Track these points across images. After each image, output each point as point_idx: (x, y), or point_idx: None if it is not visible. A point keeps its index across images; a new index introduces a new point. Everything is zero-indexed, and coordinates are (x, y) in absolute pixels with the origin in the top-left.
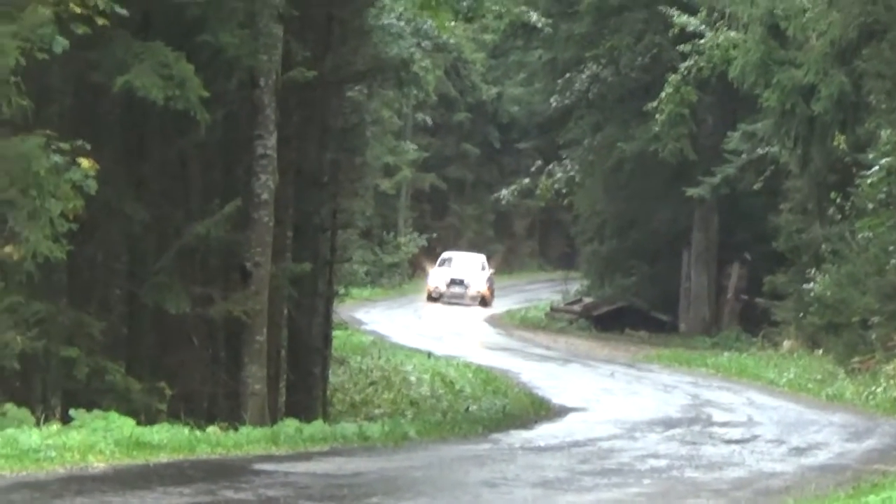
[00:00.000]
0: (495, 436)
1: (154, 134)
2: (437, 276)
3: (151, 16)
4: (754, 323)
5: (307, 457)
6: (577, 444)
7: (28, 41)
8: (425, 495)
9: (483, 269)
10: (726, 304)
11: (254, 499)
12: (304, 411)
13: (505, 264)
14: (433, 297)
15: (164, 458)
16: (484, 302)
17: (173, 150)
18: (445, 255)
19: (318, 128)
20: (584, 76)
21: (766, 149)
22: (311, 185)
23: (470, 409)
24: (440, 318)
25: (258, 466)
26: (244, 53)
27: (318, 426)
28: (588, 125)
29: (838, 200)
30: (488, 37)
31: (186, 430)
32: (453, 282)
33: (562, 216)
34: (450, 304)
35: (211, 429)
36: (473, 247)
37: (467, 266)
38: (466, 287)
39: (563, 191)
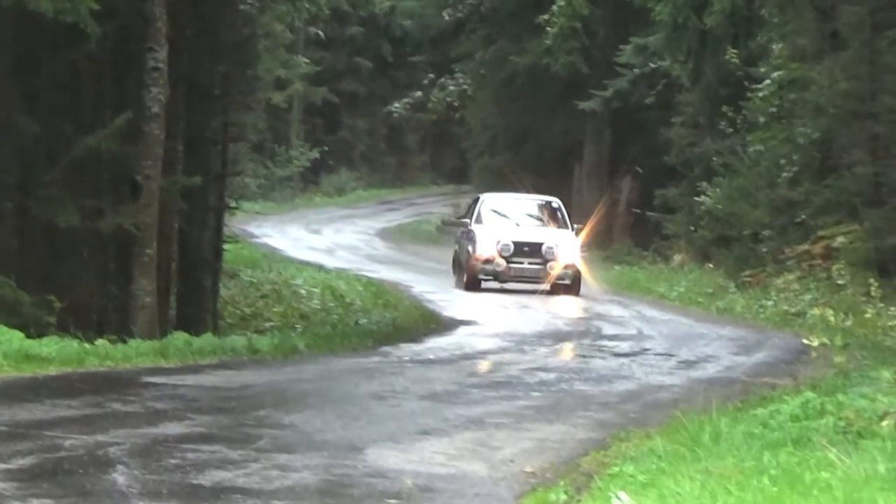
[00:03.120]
0: (385, 349)
1: (45, 47)
2: (485, 239)
3: None
4: (645, 236)
5: (196, 369)
6: (466, 357)
7: None
8: (314, 408)
9: (563, 222)
10: (618, 217)
11: (142, 411)
12: (194, 324)
13: (397, 178)
14: (480, 278)
15: (53, 370)
16: (576, 285)
17: (64, 64)
18: (488, 199)
19: (210, 41)
20: None
21: (659, 63)
22: (203, 98)
23: (360, 322)
24: (332, 232)
25: (147, 379)
26: None
27: (207, 339)
28: (480, 39)
29: (730, 114)
30: None
31: (76, 343)
32: (520, 250)
33: (454, 130)
34: (516, 286)
35: (100, 342)
36: (367, 161)
37: (537, 220)
38: (546, 259)
39: (456, 104)
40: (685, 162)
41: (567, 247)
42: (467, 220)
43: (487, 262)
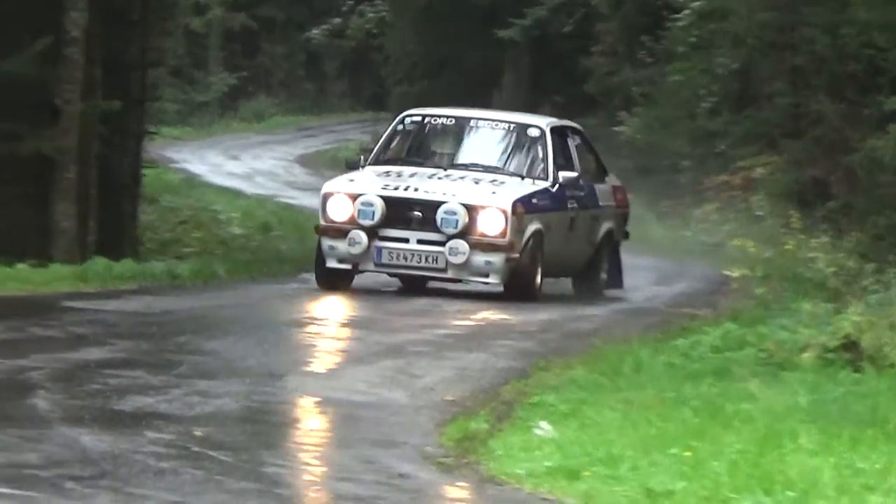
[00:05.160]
0: (304, 275)
1: None
2: (338, 194)
3: None
4: None
5: (116, 295)
6: (387, 284)
7: None
8: (233, 334)
9: (544, 169)
10: None
11: (62, 336)
12: (113, 250)
13: (315, 105)
14: (329, 267)
15: None
16: (523, 283)
17: None
18: (411, 121)
19: None
20: None
21: None
22: (122, 22)
23: (280, 248)
24: (251, 158)
25: (67, 304)
26: None
27: (127, 265)
28: None
29: (649, 44)
30: None
31: None
32: (399, 214)
33: (373, 57)
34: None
35: (20, 266)
36: (285, 87)
37: (487, 166)
38: (446, 233)
39: (374, 31)
40: (604, 91)
41: (498, 210)
42: (359, 159)
43: (336, 234)
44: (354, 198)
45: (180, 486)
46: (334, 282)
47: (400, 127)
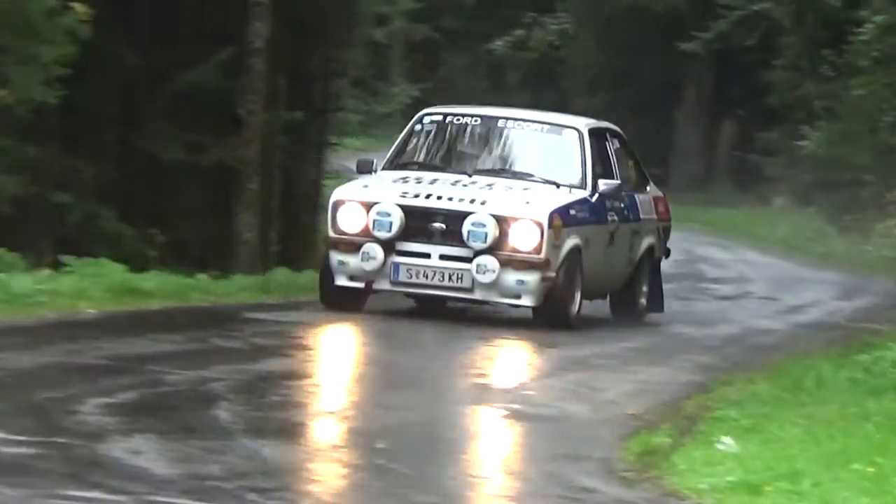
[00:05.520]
0: None
1: None
2: (349, 202)
3: None
4: (746, 179)
5: (298, 306)
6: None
7: None
8: (417, 346)
9: (583, 175)
10: (718, 160)
11: (244, 347)
12: (294, 260)
13: None
14: (338, 285)
15: (155, 305)
16: (555, 308)
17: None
18: (430, 120)
19: None
20: None
21: (760, 5)
22: (305, 33)
23: None
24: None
25: (249, 315)
26: None
27: (309, 276)
28: None
29: (831, 58)
30: None
31: (178, 278)
32: (419, 226)
33: (555, 69)
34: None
35: (202, 276)
36: (467, 99)
37: (517, 172)
38: (474, 248)
39: (557, 44)
40: (786, 105)
41: (533, 222)
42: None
43: (348, 248)
44: (369, 207)
45: (362, 499)
46: (343, 302)
47: (418, 127)
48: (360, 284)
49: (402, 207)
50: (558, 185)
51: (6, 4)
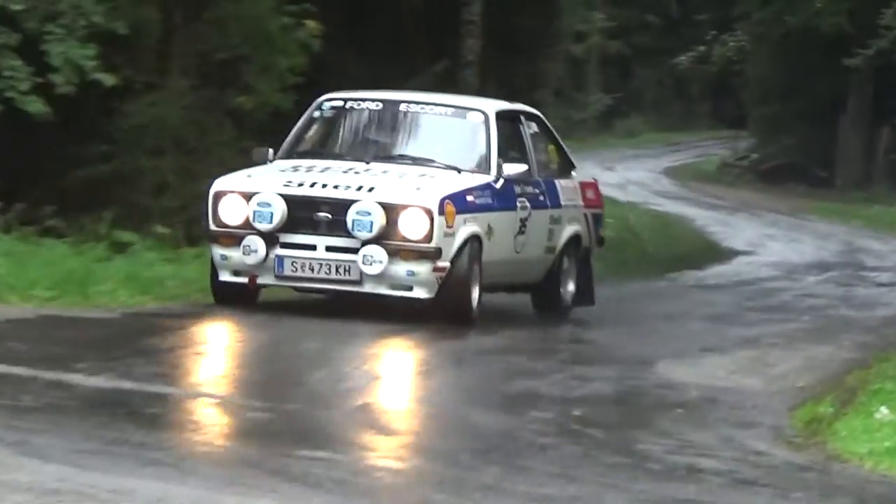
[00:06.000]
0: (671, 275)
1: (374, 2)
2: (230, 192)
3: None
4: None
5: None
6: (743, 283)
7: None
8: (609, 326)
9: (484, 160)
10: (877, 162)
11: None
12: None
13: (681, 123)
14: (223, 280)
15: None
16: (453, 298)
17: (390, 16)
18: (329, 106)
19: None
20: None
21: None
22: (511, 48)
23: (647, 250)
24: (624, 169)
25: None
26: None
27: None
28: (757, 0)
29: None
30: None
31: None
32: (302, 216)
33: (733, 81)
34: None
35: None
36: (655, 107)
37: (416, 157)
38: (360, 237)
39: (734, 58)
40: None
41: (421, 209)
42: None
43: (229, 241)
44: (249, 197)
45: (560, 459)
46: (232, 297)
47: (317, 113)
48: (244, 279)
49: (284, 197)
50: (459, 171)
51: (250, 21)
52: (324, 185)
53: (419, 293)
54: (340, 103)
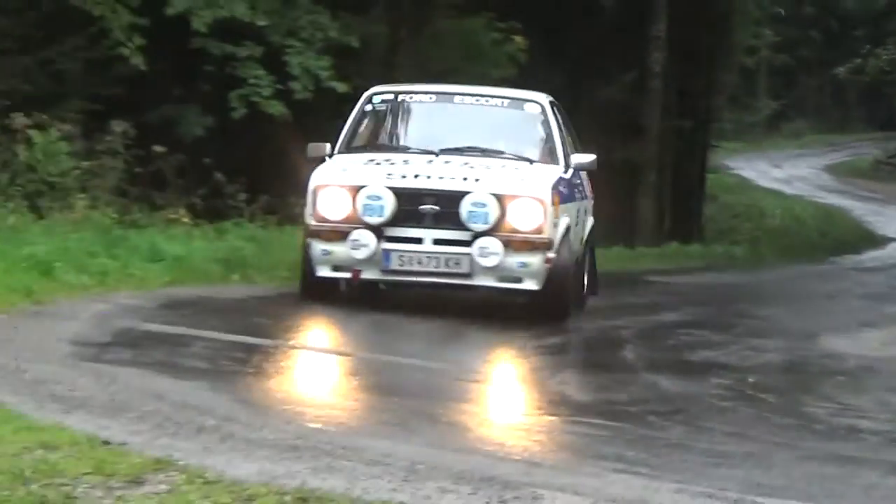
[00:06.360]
0: (832, 258)
1: (570, 18)
2: (330, 185)
3: None
4: None
5: (687, 271)
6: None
7: None
8: (778, 303)
9: (550, 150)
10: None
11: (646, 302)
12: (683, 237)
13: (839, 126)
14: (321, 276)
15: None
16: (558, 292)
17: (584, 32)
18: (379, 99)
19: (698, 15)
20: None
21: None
22: (692, 60)
23: (811, 237)
24: (790, 167)
25: (649, 278)
26: None
27: (695, 248)
28: None
29: None
30: None
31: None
32: (410, 209)
33: (886, 90)
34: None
35: (615, 249)
36: (817, 112)
37: (484, 149)
38: (474, 230)
39: (887, 69)
40: None
41: (535, 199)
42: (324, 146)
43: (333, 236)
44: (356, 190)
45: (736, 420)
46: (322, 293)
47: (368, 108)
48: (347, 274)
49: (393, 190)
50: (532, 162)
51: (465, 36)
52: (428, 177)
53: (528, 284)
54: (391, 97)
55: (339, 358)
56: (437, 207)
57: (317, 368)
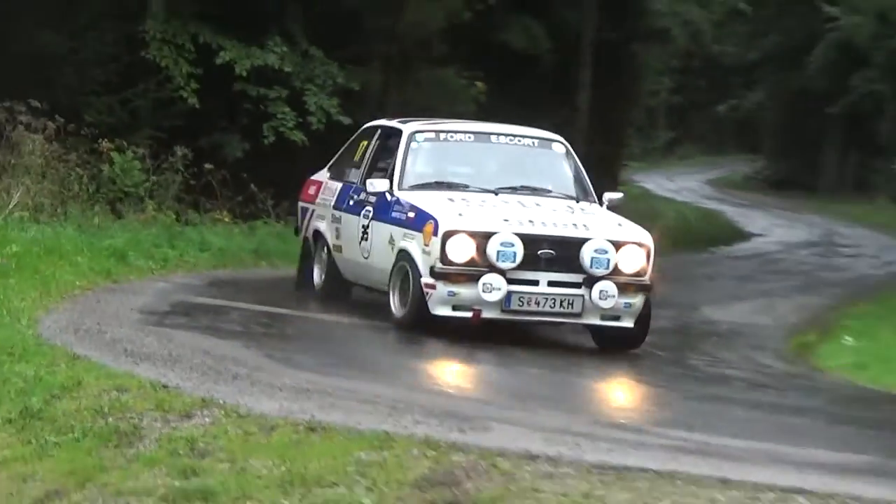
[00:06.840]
0: (711, 249)
1: (518, 68)
2: (454, 228)
3: None
4: None
5: None
6: (758, 255)
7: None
8: (670, 283)
9: (584, 188)
10: (846, 177)
11: None
12: None
13: (717, 149)
14: (438, 314)
15: None
16: (641, 329)
17: (529, 79)
18: (422, 139)
19: (617, 65)
20: None
21: None
22: (614, 99)
23: (695, 233)
24: (681, 180)
25: None
26: None
27: None
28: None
29: None
30: None
31: None
32: (533, 254)
33: (754, 122)
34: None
35: None
36: (702, 139)
37: (533, 188)
38: (591, 274)
39: (755, 108)
40: None
41: (640, 246)
42: (375, 178)
43: (461, 279)
44: (484, 236)
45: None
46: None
47: (414, 145)
48: (467, 314)
49: (520, 236)
50: (578, 200)
51: (439, 81)
52: (543, 223)
53: (626, 322)
54: (433, 135)
55: (342, 322)
56: (552, 252)
57: (323, 331)
